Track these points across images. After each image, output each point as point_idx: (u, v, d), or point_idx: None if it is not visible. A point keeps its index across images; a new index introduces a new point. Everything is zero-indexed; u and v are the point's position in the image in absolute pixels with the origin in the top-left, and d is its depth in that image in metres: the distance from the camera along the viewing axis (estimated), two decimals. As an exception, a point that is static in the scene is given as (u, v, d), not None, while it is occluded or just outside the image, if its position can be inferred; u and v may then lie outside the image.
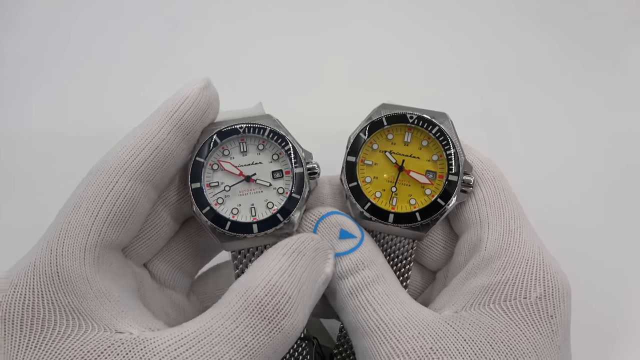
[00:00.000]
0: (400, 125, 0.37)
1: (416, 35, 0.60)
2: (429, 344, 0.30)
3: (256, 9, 0.61)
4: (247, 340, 0.29)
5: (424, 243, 0.39)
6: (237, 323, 0.29)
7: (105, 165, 0.32)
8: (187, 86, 0.34)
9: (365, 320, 0.32)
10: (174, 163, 0.34)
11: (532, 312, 0.31)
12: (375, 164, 0.38)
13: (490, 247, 0.34)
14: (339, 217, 0.36)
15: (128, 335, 0.29)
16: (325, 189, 0.39)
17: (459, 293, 0.34)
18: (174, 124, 0.33)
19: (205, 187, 0.37)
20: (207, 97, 0.34)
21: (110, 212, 0.31)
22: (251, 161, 0.37)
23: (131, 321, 0.30)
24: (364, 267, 0.34)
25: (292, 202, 0.36)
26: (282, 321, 0.29)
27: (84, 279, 0.30)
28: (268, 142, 0.37)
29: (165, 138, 0.33)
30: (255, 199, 0.37)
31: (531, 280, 0.32)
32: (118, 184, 0.32)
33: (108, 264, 0.32)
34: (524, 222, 0.35)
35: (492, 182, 0.36)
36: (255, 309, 0.29)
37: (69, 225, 0.31)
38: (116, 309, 0.30)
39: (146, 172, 0.33)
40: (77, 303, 0.29)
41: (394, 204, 0.37)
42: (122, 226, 0.32)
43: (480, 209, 0.36)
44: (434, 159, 0.37)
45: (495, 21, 0.60)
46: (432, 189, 0.37)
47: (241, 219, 0.36)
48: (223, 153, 0.37)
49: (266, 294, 0.30)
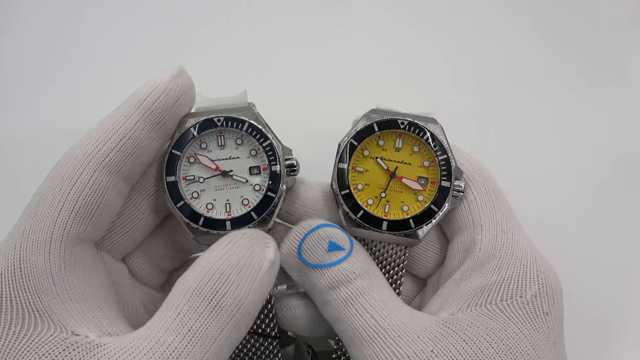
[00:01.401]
0: (391, 132, 0.37)
1: (407, 36, 0.60)
2: (429, 347, 0.30)
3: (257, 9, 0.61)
4: (189, 325, 0.28)
5: (415, 250, 0.39)
6: (178, 310, 0.28)
7: (71, 155, 0.31)
8: (158, 74, 0.33)
9: (363, 328, 0.32)
10: (144, 153, 0.33)
11: (528, 311, 0.31)
12: (367, 171, 0.37)
13: (484, 248, 0.34)
14: (327, 230, 0.35)
15: (84, 339, 0.28)
16: (318, 196, 0.39)
17: (454, 295, 0.34)
18: (143, 112, 0.32)
19: (180, 180, 0.36)
20: (179, 85, 0.33)
21: (76, 203, 0.30)
22: (228, 155, 0.37)
23: (90, 323, 0.29)
24: (356, 277, 0.34)
25: (267, 201, 0.35)
26: (222, 299, 0.29)
27: (47, 275, 0.29)
28: (246, 137, 0.36)
29: (133, 127, 0.32)
30: (230, 195, 0.36)
31: (526, 279, 0.32)
32: (83, 174, 0.31)
33: (77, 258, 0.31)
34: (515, 223, 0.36)
35: (483, 183, 0.36)
36: (193, 292, 0.29)
37: (34, 219, 0.30)
38: (77, 309, 0.29)
39: (113, 162, 0.32)
40: (37, 300, 0.28)
41: (386, 211, 0.37)
42: (89, 218, 0.31)
43: (472, 211, 0.36)
44: (426, 164, 0.37)
45: (489, 22, 0.60)
46: (424, 195, 0.37)
47: (215, 215, 0.36)
48: (200, 146, 0.36)
49: (203, 277, 0.29)
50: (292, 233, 0.36)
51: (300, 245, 0.35)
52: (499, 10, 0.60)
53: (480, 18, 0.60)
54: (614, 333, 0.48)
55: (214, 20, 0.61)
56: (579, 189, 0.53)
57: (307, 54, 0.59)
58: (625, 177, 0.54)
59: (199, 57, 0.59)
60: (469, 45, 0.59)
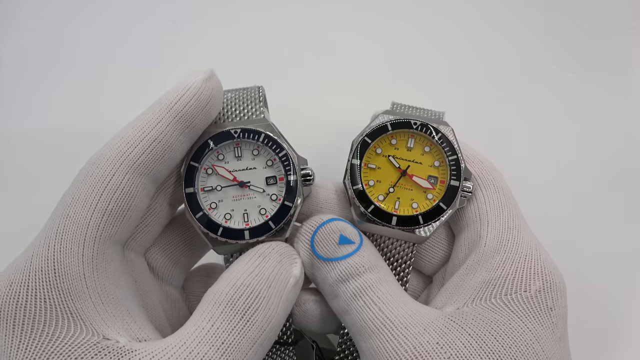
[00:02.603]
0: (404, 131, 0.38)
1: (417, 34, 0.61)
2: (435, 339, 0.31)
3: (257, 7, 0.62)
4: (223, 338, 0.29)
5: (422, 247, 0.40)
6: (212, 322, 0.29)
7: (102, 156, 0.31)
8: (190, 76, 0.33)
9: (371, 320, 0.33)
10: (173, 156, 0.34)
11: (532, 305, 0.32)
12: (379, 168, 0.39)
13: (490, 243, 0.35)
14: (338, 224, 0.36)
15: (115, 343, 0.28)
16: (330, 193, 0.40)
17: (459, 290, 0.34)
18: (174, 115, 0.33)
19: (199, 192, 0.36)
20: (209, 89, 0.34)
21: (109, 205, 0.31)
22: (245, 166, 0.37)
23: (120, 328, 0.30)
24: (365, 271, 0.34)
25: (283, 210, 0.36)
26: (253, 315, 0.30)
27: (80, 277, 0.29)
28: (263, 148, 0.37)
29: (164, 130, 0.32)
30: (248, 205, 0.37)
31: (530, 274, 0.33)
32: (115, 176, 0.31)
33: (108, 260, 0.31)
34: (521, 221, 0.36)
35: (492, 182, 0.37)
36: (227, 306, 0.30)
37: (67, 219, 0.30)
38: (108, 313, 0.30)
39: (144, 164, 0.32)
40: (71, 303, 0.28)
41: (396, 207, 0.38)
42: (121, 220, 0.31)
43: (480, 208, 0.37)
44: (436, 164, 0.38)
45: (492, 22, 0.61)
46: (434, 194, 0.38)
47: (234, 225, 0.36)
48: (218, 157, 0.37)
49: (235, 291, 0.30)
50: (304, 227, 0.37)
51: (312, 238, 0.36)
52: (502, 10, 0.61)
53: (483, 18, 0.61)
54: (618, 330, 0.49)
55: (217, 16, 0.61)
56: (580, 187, 0.54)
57: (313, 53, 0.59)
58: (629, 175, 0.54)
59: (199, 57, 0.59)
60: (474, 44, 0.60)
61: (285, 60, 0.59)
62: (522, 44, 0.60)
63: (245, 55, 0.60)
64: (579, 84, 0.58)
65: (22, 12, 0.61)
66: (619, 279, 0.50)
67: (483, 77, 0.59)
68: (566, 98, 0.57)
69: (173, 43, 0.60)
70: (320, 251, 0.36)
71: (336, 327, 0.40)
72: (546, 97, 0.58)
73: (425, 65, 0.59)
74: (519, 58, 0.59)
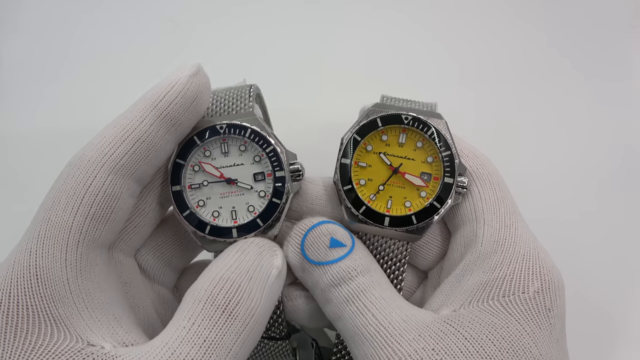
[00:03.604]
0: (395, 127, 0.37)
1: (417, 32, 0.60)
2: (431, 345, 0.30)
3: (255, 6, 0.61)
4: (205, 335, 0.28)
5: (417, 243, 0.39)
6: (192, 321, 0.28)
7: (84, 157, 0.30)
8: (175, 72, 0.32)
9: (364, 326, 0.32)
10: (158, 156, 0.33)
11: (530, 307, 0.31)
12: (370, 166, 0.37)
13: (486, 242, 0.34)
14: (329, 226, 0.35)
15: (99, 349, 0.28)
16: (320, 192, 0.38)
17: (456, 291, 0.34)
18: (159, 114, 0.31)
19: (186, 189, 0.36)
20: (196, 85, 0.32)
21: (91, 208, 0.30)
22: (233, 162, 0.36)
23: (105, 333, 0.29)
24: (357, 274, 0.34)
25: (272, 207, 0.35)
26: (235, 308, 0.29)
27: (64, 282, 0.28)
28: (250, 144, 0.36)
29: (148, 129, 0.31)
30: (236, 202, 0.36)
31: (528, 275, 0.32)
32: (97, 178, 0.30)
33: (92, 264, 0.30)
34: (519, 218, 0.35)
35: (487, 177, 0.36)
36: (207, 302, 0.29)
37: (48, 224, 0.29)
38: (93, 318, 0.29)
39: (127, 165, 0.31)
40: (54, 309, 0.28)
41: (389, 207, 0.37)
42: (105, 223, 0.31)
43: (475, 205, 0.35)
44: (429, 160, 0.37)
45: (492, 22, 0.60)
46: (427, 192, 0.36)
47: (222, 223, 0.36)
48: (204, 154, 0.36)
49: (215, 285, 0.29)
50: (293, 231, 0.36)
51: (303, 242, 0.35)
52: (503, 9, 0.60)
53: (483, 18, 0.60)
54: (617, 330, 0.49)
55: (214, 16, 0.61)
56: (581, 186, 0.53)
57: (309, 47, 0.59)
58: (629, 175, 0.54)
59: (199, 56, 0.58)
60: (472, 44, 0.59)
61: (282, 57, 0.59)
62: (523, 44, 0.59)
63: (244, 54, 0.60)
64: (579, 84, 0.57)
65: (22, 13, 0.60)
66: (619, 283, 0.50)
67: (484, 77, 0.58)
68: (566, 98, 0.57)
69: (173, 43, 0.59)
70: (311, 255, 0.35)
71: (329, 323, 0.39)
72: (545, 97, 0.57)
73: (425, 64, 0.59)
74: (519, 58, 0.59)
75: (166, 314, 0.38)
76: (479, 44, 0.59)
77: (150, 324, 0.36)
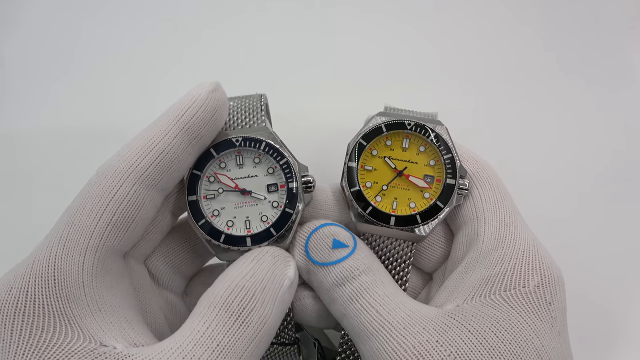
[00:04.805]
0: (399, 132, 0.39)
1: (416, 36, 0.61)
2: (435, 337, 0.31)
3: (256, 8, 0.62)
4: (218, 340, 0.29)
5: (421, 245, 0.40)
6: (207, 324, 0.29)
7: (111, 167, 0.32)
8: (196, 89, 0.34)
9: (369, 322, 0.33)
10: (180, 168, 0.34)
11: (531, 300, 0.32)
12: (375, 170, 0.39)
13: (487, 240, 0.35)
14: (331, 228, 0.37)
15: (112, 350, 0.29)
16: (328, 197, 0.40)
17: (459, 287, 0.35)
18: (181, 127, 0.33)
19: (201, 199, 0.37)
20: (215, 100, 0.34)
21: (114, 216, 0.31)
22: (247, 174, 0.38)
23: (117, 334, 0.30)
24: (360, 273, 0.35)
25: (285, 217, 0.37)
26: (248, 316, 0.30)
27: (79, 284, 0.30)
28: (264, 156, 0.38)
29: (172, 142, 0.33)
30: (250, 212, 0.37)
31: (528, 270, 0.33)
32: (122, 187, 0.32)
33: (107, 270, 0.32)
34: (518, 217, 0.37)
35: (487, 179, 0.38)
36: (222, 308, 0.30)
37: (71, 227, 0.30)
38: (105, 320, 0.30)
39: (151, 176, 0.33)
40: (69, 309, 0.29)
41: (394, 207, 0.38)
42: (125, 231, 0.32)
43: (476, 206, 0.37)
44: (432, 163, 0.39)
45: (492, 22, 0.61)
46: (430, 193, 0.38)
47: (236, 232, 0.37)
48: (220, 165, 0.38)
49: (230, 292, 0.31)
50: (298, 234, 0.38)
51: (306, 243, 0.37)
52: (501, 9, 0.61)
53: (484, 18, 0.61)
54: (618, 331, 0.49)
55: (215, 17, 0.61)
56: (581, 185, 0.54)
57: (311, 54, 0.60)
58: (627, 173, 0.54)
59: (199, 56, 0.59)
60: (473, 46, 0.60)
61: (283, 61, 0.60)
62: (523, 44, 0.60)
63: (244, 56, 0.60)
64: (580, 84, 0.58)
65: (22, 12, 0.61)
66: (619, 280, 0.51)
67: (484, 77, 0.59)
68: (566, 98, 0.58)
69: (173, 43, 0.60)
70: (314, 256, 0.36)
71: (336, 323, 0.40)
72: (546, 97, 0.58)
73: (425, 66, 0.59)
74: (518, 58, 0.59)
75: (174, 319, 0.39)
76: (479, 44, 0.60)
77: (157, 329, 0.37)
